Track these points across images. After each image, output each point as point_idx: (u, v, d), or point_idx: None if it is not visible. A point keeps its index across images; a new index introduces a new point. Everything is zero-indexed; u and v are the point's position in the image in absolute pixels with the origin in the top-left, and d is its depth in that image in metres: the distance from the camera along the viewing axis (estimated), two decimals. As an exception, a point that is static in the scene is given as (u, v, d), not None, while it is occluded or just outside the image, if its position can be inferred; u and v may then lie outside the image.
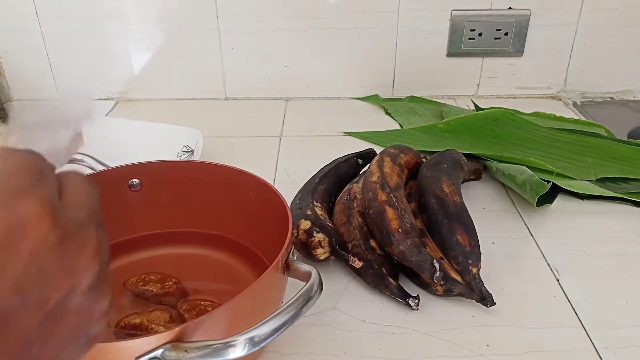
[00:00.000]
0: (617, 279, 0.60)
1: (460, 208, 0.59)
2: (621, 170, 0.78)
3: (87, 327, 0.24)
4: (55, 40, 0.98)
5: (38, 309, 0.21)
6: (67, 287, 0.22)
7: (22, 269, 0.20)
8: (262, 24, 0.97)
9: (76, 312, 0.23)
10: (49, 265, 0.21)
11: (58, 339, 0.22)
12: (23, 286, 0.20)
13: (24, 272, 0.20)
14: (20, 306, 0.20)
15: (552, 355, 0.51)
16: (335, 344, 0.52)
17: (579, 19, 0.97)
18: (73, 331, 0.23)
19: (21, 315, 0.20)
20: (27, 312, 0.20)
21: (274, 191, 0.54)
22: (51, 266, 0.21)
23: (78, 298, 0.23)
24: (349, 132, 0.91)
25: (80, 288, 0.23)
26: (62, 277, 0.22)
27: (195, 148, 0.78)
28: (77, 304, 0.23)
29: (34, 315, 0.21)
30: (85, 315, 0.24)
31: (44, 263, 0.21)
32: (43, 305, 0.21)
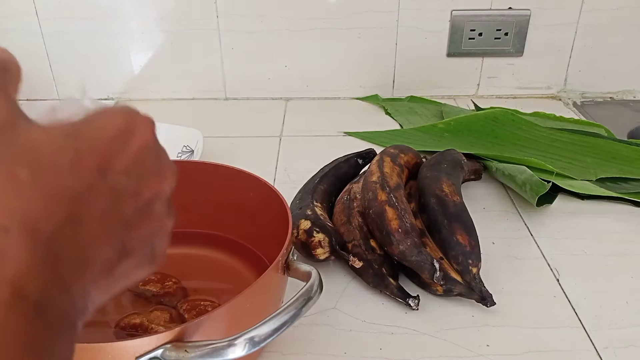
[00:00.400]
0: (617, 279, 0.60)
1: (460, 208, 0.59)
2: (621, 170, 0.78)
3: (157, 236, 0.29)
4: (55, 40, 0.98)
5: (135, 197, 0.26)
6: (156, 189, 0.27)
7: (131, 158, 0.25)
8: (262, 24, 0.97)
9: (155, 216, 0.28)
10: (148, 163, 0.26)
11: (138, 233, 0.27)
12: (129, 171, 0.25)
13: (132, 162, 0.25)
14: (125, 187, 0.25)
15: (552, 355, 0.51)
16: (335, 344, 0.52)
17: (579, 19, 0.97)
18: (149, 233, 0.28)
19: (125, 195, 0.25)
20: (128, 196, 0.25)
21: (274, 191, 0.54)
22: (150, 165, 0.27)
23: (159, 204, 0.28)
24: (349, 132, 0.91)
25: (162, 195, 0.28)
26: (155, 176, 0.27)
27: (195, 148, 0.78)
28: (158, 210, 0.28)
29: (131, 201, 0.26)
30: (159, 224, 0.28)
31: (145, 160, 0.26)
32: (138, 196, 0.26)
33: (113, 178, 0.24)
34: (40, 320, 0.20)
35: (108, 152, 0.24)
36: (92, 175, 0.23)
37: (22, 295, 0.20)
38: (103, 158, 0.24)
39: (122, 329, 0.49)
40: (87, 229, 0.23)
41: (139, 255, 0.27)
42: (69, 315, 0.22)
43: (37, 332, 0.20)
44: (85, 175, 0.23)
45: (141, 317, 0.49)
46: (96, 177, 0.23)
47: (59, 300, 0.21)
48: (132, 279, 0.28)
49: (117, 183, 0.24)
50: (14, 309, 0.19)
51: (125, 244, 0.26)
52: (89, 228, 0.23)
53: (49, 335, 0.21)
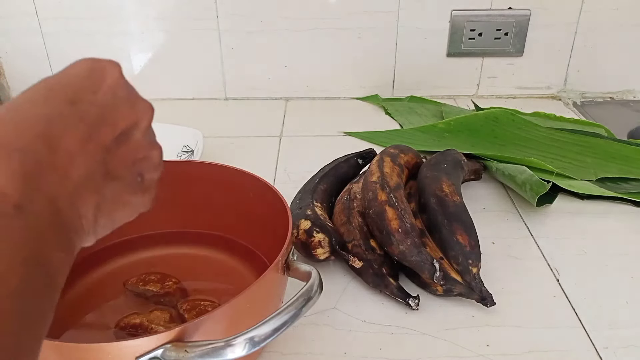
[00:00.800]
0: (617, 279, 0.60)
1: (460, 208, 0.59)
2: (621, 170, 0.78)
3: (143, 167, 0.32)
4: (55, 40, 0.98)
5: (111, 124, 0.29)
6: (132, 119, 0.31)
7: (103, 93, 0.29)
8: (262, 24, 0.97)
9: (136, 146, 0.31)
10: (120, 96, 0.30)
11: (122, 159, 0.30)
12: (102, 104, 0.29)
13: (103, 96, 0.29)
14: (100, 116, 0.29)
15: (552, 355, 0.51)
16: (335, 344, 0.52)
17: (579, 19, 0.97)
18: (133, 162, 0.31)
19: (101, 124, 0.29)
20: (105, 124, 0.29)
21: (274, 191, 0.54)
22: (121, 98, 0.30)
23: (138, 135, 0.31)
24: (349, 132, 0.91)
25: (140, 126, 0.31)
26: (128, 108, 0.31)
27: (195, 148, 0.78)
28: (137, 140, 0.31)
29: (109, 129, 0.29)
30: (142, 154, 0.32)
31: (116, 93, 0.30)
32: (114, 124, 0.30)
33: (83, 107, 0.28)
34: (21, 219, 0.23)
35: (77, 88, 0.29)
36: (62, 105, 0.28)
37: (2, 197, 0.22)
38: (73, 92, 0.29)
39: (122, 329, 0.49)
40: (64, 147, 0.26)
41: (128, 180, 0.31)
42: (57, 223, 0.25)
43: (19, 232, 0.22)
44: (56, 105, 0.28)
45: (141, 317, 0.49)
46: (66, 107, 0.28)
47: (41, 205, 0.24)
48: (129, 206, 0.32)
49: (88, 112, 0.28)
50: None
51: (108, 167, 0.29)
52: (66, 147, 0.26)
53: (34, 238, 0.23)
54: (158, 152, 0.33)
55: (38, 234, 0.23)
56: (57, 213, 0.25)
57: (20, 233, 0.22)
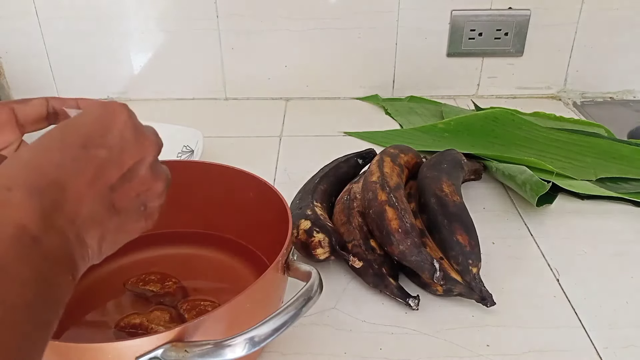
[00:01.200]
0: (617, 279, 0.60)
1: (460, 208, 0.59)
2: (621, 170, 0.78)
3: (147, 197, 0.35)
4: (55, 40, 0.98)
5: (118, 165, 0.33)
6: (138, 157, 0.34)
7: (112, 136, 0.33)
8: (262, 24, 0.97)
9: (141, 181, 0.34)
10: (128, 138, 0.34)
11: (127, 194, 0.34)
12: (112, 146, 0.33)
13: (113, 138, 0.33)
14: (109, 158, 0.32)
15: (552, 355, 0.51)
16: (335, 344, 0.52)
17: (579, 19, 0.97)
18: (137, 194, 0.34)
19: (109, 166, 0.32)
20: (112, 165, 0.32)
21: (274, 191, 0.54)
22: (129, 139, 0.34)
23: (143, 170, 0.35)
24: (349, 132, 0.91)
25: (145, 162, 0.35)
26: (136, 148, 0.34)
27: (195, 148, 0.78)
28: (142, 175, 0.35)
29: (116, 169, 0.33)
30: (146, 187, 0.35)
31: (125, 135, 0.33)
32: (122, 164, 0.33)
33: (94, 152, 0.32)
34: (38, 250, 0.27)
35: (89, 133, 0.32)
36: (75, 151, 0.31)
37: (23, 230, 0.27)
38: (85, 137, 0.32)
39: (122, 329, 0.49)
40: (74, 189, 0.30)
41: (131, 212, 0.34)
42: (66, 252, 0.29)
43: (36, 258, 0.27)
44: (70, 151, 0.31)
45: (141, 317, 0.49)
46: (79, 152, 0.31)
47: (54, 237, 0.28)
48: (132, 232, 0.35)
49: (99, 155, 0.32)
50: (18, 240, 0.26)
51: (114, 204, 0.33)
52: (76, 189, 0.30)
53: (47, 263, 0.28)
54: (161, 183, 0.36)
55: (50, 261, 0.28)
56: (67, 243, 0.29)
57: (36, 259, 0.27)
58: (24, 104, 0.42)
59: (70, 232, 0.30)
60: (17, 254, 0.26)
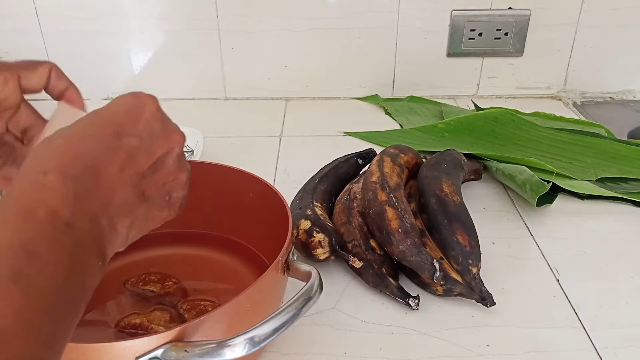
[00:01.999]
0: (617, 279, 0.60)
1: (460, 208, 0.59)
2: (621, 170, 0.78)
3: (172, 187, 0.36)
4: (55, 40, 0.98)
5: (149, 154, 0.34)
6: (166, 148, 0.35)
7: (143, 126, 0.34)
8: (262, 24, 0.97)
9: (168, 171, 0.35)
10: (156, 128, 0.35)
11: (155, 183, 0.35)
12: (142, 135, 0.34)
13: (143, 128, 0.34)
14: (139, 147, 0.33)
15: (552, 355, 0.51)
16: (335, 344, 0.52)
17: (579, 19, 0.97)
18: (164, 184, 0.35)
19: (140, 154, 0.33)
20: (144, 154, 0.34)
21: (274, 191, 0.54)
22: (158, 130, 0.35)
23: (170, 161, 0.35)
24: (349, 132, 0.91)
25: (173, 153, 0.36)
26: (164, 138, 0.35)
27: (195, 148, 0.78)
28: (170, 165, 0.35)
29: (146, 158, 0.34)
30: (172, 177, 0.36)
31: (153, 126, 0.34)
32: (152, 153, 0.34)
33: (127, 141, 0.33)
34: (70, 234, 0.28)
35: (122, 122, 0.33)
36: (109, 139, 0.32)
37: (56, 214, 0.28)
38: (118, 126, 0.33)
39: (122, 329, 0.49)
40: (107, 176, 0.31)
41: (157, 200, 0.35)
42: (97, 238, 0.30)
43: (67, 243, 0.28)
44: (104, 139, 0.32)
45: (141, 317, 0.49)
46: (112, 140, 0.32)
47: (86, 223, 0.29)
48: (156, 220, 0.36)
49: (131, 144, 0.33)
50: (51, 223, 0.27)
51: (144, 191, 0.34)
52: (109, 176, 0.31)
53: (78, 248, 0.28)
54: (186, 175, 0.37)
55: (81, 246, 0.29)
56: (99, 229, 0.30)
57: (68, 244, 0.28)
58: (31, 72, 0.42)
59: (103, 218, 0.31)
60: (49, 237, 0.27)
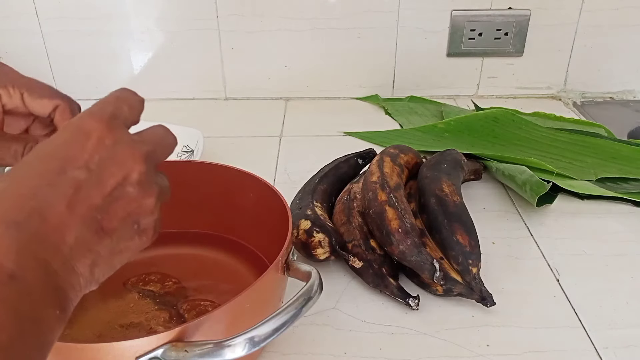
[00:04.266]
0: (617, 279, 0.60)
1: (460, 208, 0.59)
2: (621, 170, 0.78)
3: (138, 215, 0.33)
4: (55, 40, 0.98)
5: (100, 185, 0.31)
6: (120, 176, 0.31)
7: (89, 155, 0.31)
8: (262, 24, 0.97)
9: (128, 199, 0.32)
10: (105, 156, 0.31)
11: (115, 215, 0.31)
12: (90, 166, 0.30)
13: (90, 158, 0.31)
14: (88, 179, 0.30)
15: (552, 355, 0.51)
16: (335, 344, 0.52)
17: (579, 19, 0.97)
18: (127, 214, 0.32)
19: (90, 187, 0.30)
20: (93, 186, 0.30)
21: (274, 191, 0.54)
22: (107, 157, 0.31)
23: (129, 188, 0.32)
24: (349, 132, 0.91)
25: (131, 179, 0.32)
26: (115, 166, 0.31)
27: (195, 148, 0.78)
28: (129, 193, 0.32)
29: (98, 190, 0.30)
30: (136, 204, 0.32)
31: (102, 154, 0.31)
32: (104, 184, 0.31)
33: (73, 174, 0.30)
34: (15, 287, 0.26)
35: (65, 155, 0.31)
36: (52, 176, 0.30)
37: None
38: (61, 160, 0.30)
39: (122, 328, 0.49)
40: (55, 216, 0.29)
41: (124, 232, 0.32)
42: (50, 286, 0.28)
43: (12, 297, 0.25)
44: (47, 176, 0.30)
45: (141, 317, 0.49)
46: (56, 177, 0.30)
47: (34, 271, 0.27)
48: (127, 251, 0.33)
49: (77, 177, 0.30)
50: None
51: (103, 226, 0.31)
52: (57, 215, 0.29)
53: (28, 301, 0.26)
54: (152, 199, 0.33)
55: (31, 297, 0.26)
56: (52, 275, 0.28)
57: (14, 298, 0.25)
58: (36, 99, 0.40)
59: (56, 263, 0.28)
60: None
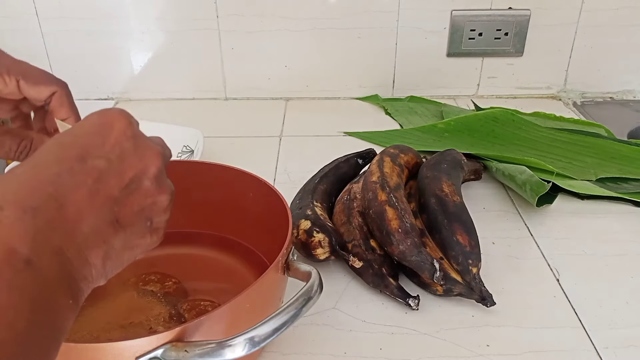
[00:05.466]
0: (617, 279, 0.60)
1: (460, 208, 0.59)
2: (621, 170, 0.78)
3: (152, 212, 0.33)
4: (55, 40, 0.98)
5: (119, 176, 0.31)
6: (139, 168, 0.32)
7: (110, 146, 0.31)
8: (262, 24, 0.97)
9: (144, 193, 0.32)
10: (127, 147, 0.32)
11: (131, 208, 0.32)
12: (110, 157, 0.31)
13: (111, 149, 0.31)
14: (108, 169, 0.31)
15: (552, 355, 0.51)
16: (335, 344, 0.52)
17: (579, 19, 0.97)
18: (142, 208, 0.32)
19: (109, 177, 0.31)
20: (112, 176, 0.31)
21: (274, 191, 0.54)
22: (129, 149, 0.32)
23: (147, 182, 0.33)
24: (349, 132, 0.91)
25: (148, 173, 0.33)
26: (136, 157, 0.32)
27: (195, 148, 0.78)
28: (146, 187, 0.33)
29: (116, 181, 0.31)
30: (151, 200, 0.33)
31: (123, 146, 0.32)
32: (122, 175, 0.31)
33: (93, 163, 0.30)
34: (30, 273, 0.25)
35: (87, 144, 0.31)
36: (73, 163, 0.30)
37: (13, 253, 0.25)
38: (82, 148, 0.31)
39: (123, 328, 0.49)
40: (73, 203, 0.29)
41: (137, 227, 0.32)
42: (64, 274, 0.27)
43: (28, 283, 0.25)
44: (67, 163, 0.30)
45: (141, 317, 0.49)
46: (77, 164, 0.30)
47: (49, 258, 0.27)
48: (138, 248, 0.33)
49: (97, 167, 0.30)
50: (8, 264, 0.25)
51: (118, 217, 0.31)
52: (75, 203, 0.29)
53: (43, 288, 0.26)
54: (166, 196, 0.34)
55: (46, 285, 0.26)
56: (66, 264, 0.28)
57: (30, 284, 0.25)
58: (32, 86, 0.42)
59: (70, 251, 0.28)
60: (7, 279, 0.24)
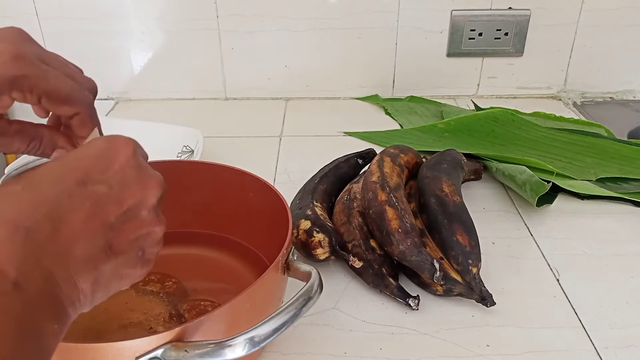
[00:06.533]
0: (617, 279, 0.60)
1: (460, 208, 0.59)
2: (621, 170, 0.78)
3: (146, 242, 0.33)
4: (55, 40, 0.98)
5: (118, 203, 0.31)
6: (139, 196, 0.32)
7: (113, 172, 0.31)
8: (262, 24, 0.97)
9: (141, 222, 0.32)
10: (129, 175, 0.32)
11: (126, 236, 0.31)
12: (112, 183, 0.31)
13: (113, 175, 0.31)
14: (108, 195, 0.30)
15: (552, 355, 0.51)
16: (335, 344, 0.52)
17: (579, 19, 0.97)
18: (136, 237, 0.32)
19: (108, 203, 0.30)
20: (111, 202, 0.31)
21: (274, 191, 0.54)
22: (131, 177, 0.32)
23: (144, 211, 0.32)
24: (349, 132, 0.91)
25: (147, 203, 0.32)
26: (138, 186, 0.32)
27: (195, 148, 0.78)
28: (143, 216, 0.32)
29: (115, 207, 0.31)
30: (146, 230, 0.33)
31: (126, 173, 0.32)
32: (121, 202, 0.31)
33: (93, 188, 0.30)
34: (18, 297, 0.24)
35: (89, 168, 0.31)
36: (72, 185, 0.29)
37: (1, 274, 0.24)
38: (84, 172, 0.30)
39: (122, 328, 0.49)
40: (68, 226, 0.28)
41: (129, 256, 0.32)
42: (51, 298, 0.27)
43: (15, 307, 0.24)
44: (67, 186, 0.29)
45: (141, 317, 0.49)
46: (76, 188, 0.29)
47: (38, 281, 0.26)
48: (127, 279, 0.32)
49: (97, 192, 0.30)
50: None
51: (112, 244, 0.30)
52: (70, 226, 0.28)
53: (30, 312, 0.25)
54: (161, 228, 0.34)
55: (34, 309, 0.25)
56: (55, 288, 0.27)
57: (17, 308, 0.24)
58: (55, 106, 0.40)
59: (60, 275, 0.27)
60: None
